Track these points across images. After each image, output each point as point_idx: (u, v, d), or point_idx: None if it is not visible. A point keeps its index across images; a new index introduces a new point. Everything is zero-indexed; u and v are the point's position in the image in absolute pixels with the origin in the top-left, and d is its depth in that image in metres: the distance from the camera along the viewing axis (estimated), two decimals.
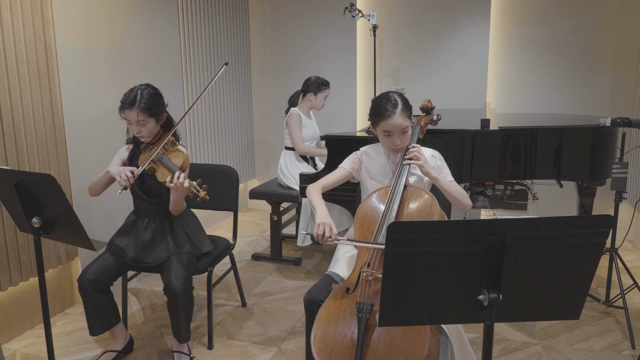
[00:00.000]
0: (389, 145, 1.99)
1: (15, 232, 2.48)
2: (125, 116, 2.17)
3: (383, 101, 1.95)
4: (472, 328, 2.62)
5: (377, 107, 1.96)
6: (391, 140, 1.96)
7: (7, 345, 2.51)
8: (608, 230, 1.13)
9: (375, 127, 2.00)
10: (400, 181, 1.89)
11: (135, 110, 2.12)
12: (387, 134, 1.96)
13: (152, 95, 2.18)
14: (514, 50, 4.10)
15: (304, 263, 3.58)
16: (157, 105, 2.19)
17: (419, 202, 1.86)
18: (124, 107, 2.15)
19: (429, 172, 1.92)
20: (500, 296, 1.17)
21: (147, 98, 2.15)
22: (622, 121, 2.52)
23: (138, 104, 2.12)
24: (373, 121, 2.00)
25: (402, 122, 1.92)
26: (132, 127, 2.18)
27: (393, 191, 1.87)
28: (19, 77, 2.44)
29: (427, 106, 2.19)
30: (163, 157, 2.19)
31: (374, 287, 1.70)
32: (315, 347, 1.65)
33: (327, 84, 3.59)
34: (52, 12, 2.59)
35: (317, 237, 1.78)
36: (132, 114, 2.13)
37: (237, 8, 4.39)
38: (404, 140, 1.96)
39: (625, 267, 2.72)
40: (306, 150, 3.53)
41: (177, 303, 2.14)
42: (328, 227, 1.79)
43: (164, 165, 2.17)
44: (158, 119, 2.22)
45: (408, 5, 4.26)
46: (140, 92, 2.15)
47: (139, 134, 2.20)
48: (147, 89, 2.18)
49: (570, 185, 3.59)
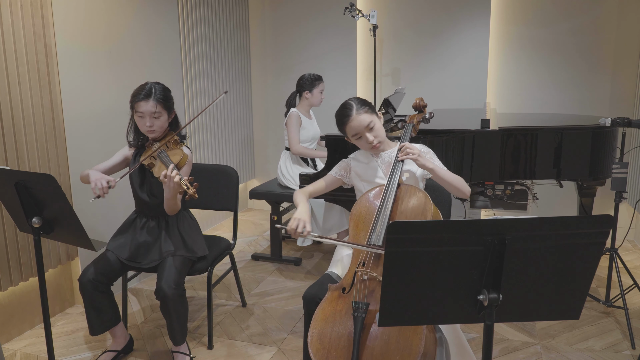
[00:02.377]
0: (366, 147, 2.04)
1: (15, 232, 2.48)
2: (138, 109, 2.16)
3: (340, 110, 2.05)
4: (472, 328, 2.63)
5: (338, 117, 2.06)
6: (364, 140, 2.01)
7: (7, 345, 2.51)
8: (608, 230, 1.13)
9: (347, 136, 2.08)
10: (394, 179, 1.89)
11: (152, 100, 2.15)
12: (357, 136, 2.02)
13: (166, 89, 2.24)
14: (514, 50, 4.10)
15: (304, 263, 3.58)
16: (170, 99, 2.25)
17: (412, 199, 1.87)
18: (139, 99, 2.16)
19: (424, 165, 1.92)
20: (500, 296, 1.17)
21: (161, 91, 2.20)
22: (622, 121, 2.52)
23: (154, 95, 2.16)
24: (342, 132, 2.08)
25: (363, 119, 1.98)
26: (144, 120, 2.18)
27: (386, 190, 1.88)
28: (19, 77, 2.44)
29: (419, 104, 2.21)
30: (162, 152, 2.20)
31: (369, 286, 1.71)
32: (312, 347, 1.65)
33: (320, 78, 3.58)
34: (52, 12, 2.59)
35: (290, 231, 1.83)
36: (149, 105, 2.15)
37: (237, 8, 4.39)
38: (376, 136, 2.00)
39: (625, 267, 2.72)
40: (301, 151, 3.52)
41: (169, 307, 2.13)
42: (302, 223, 1.82)
43: (162, 160, 2.19)
44: (170, 114, 2.25)
45: (408, 5, 4.26)
46: (154, 85, 2.20)
47: (150, 128, 2.19)
48: (160, 84, 2.23)
49: (570, 185, 3.59)
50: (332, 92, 4.38)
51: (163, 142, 2.24)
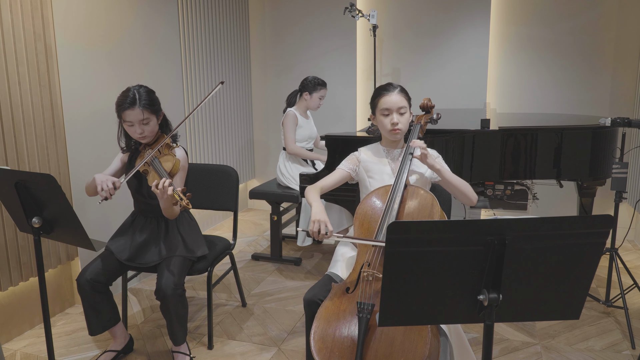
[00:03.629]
0: (387, 127, 2.01)
1: (15, 232, 2.48)
2: (126, 118, 2.12)
3: (384, 85, 2.05)
4: (472, 328, 2.62)
5: (378, 89, 2.05)
6: (389, 119, 2.00)
7: (7, 345, 2.51)
8: (608, 230, 1.13)
9: (375, 109, 2.05)
10: (401, 179, 1.88)
11: (139, 107, 2.10)
12: (386, 113, 2.00)
13: (149, 92, 2.18)
14: (514, 50, 4.10)
15: (304, 263, 3.58)
16: (156, 102, 2.20)
17: (419, 201, 1.85)
18: (124, 108, 2.11)
19: (433, 165, 1.92)
20: (500, 296, 1.17)
21: (145, 95, 2.14)
22: (622, 121, 2.52)
23: (139, 101, 2.11)
24: (373, 104, 2.07)
25: (400, 100, 1.99)
26: (134, 128, 2.14)
27: (394, 190, 1.86)
28: (19, 77, 2.44)
29: (427, 105, 2.16)
30: (155, 160, 2.16)
31: (374, 286, 1.69)
32: (315, 346, 1.64)
33: (324, 85, 3.57)
34: (52, 12, 2.59)
35: (312, 234, 1.79)
36: (135, 113, 2.10)
37: (237, 8, 4.39)
38: (402, 121, 2.00)
39: (625, 267, 2.72)
40: (297, 151, 3.51)
41: (168, 307, 2.13)
42: (323, 224, 1.78)
43: (155, 169, 2.15)
44: (158, 116, 2.21)
45: (408, 5, 4.26)
46: (137, 91, 2.13)
47: (141, 135, 2.16)
48: (142, 87, 2.17)
49: (570, 185, 3.59)
50: (332, 92, 4.38)
51: (155, 148, 2.18)
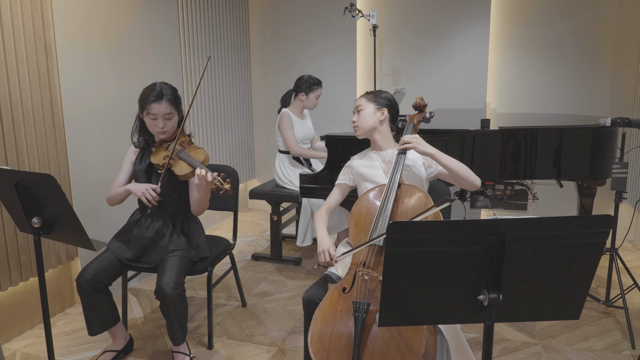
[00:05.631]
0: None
1: (15, 232, 2.48)
2: (151, 110, 2.16)
3: None
4: (472, 328, 2.62)
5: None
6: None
7: (7, 345, 2.51)
8: (608, 230, 1.13)
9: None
10: (395, 178, 1.90)
11: (165, 102, 2.14)
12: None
13: (174, 89, 2.24)
14: (514, 50, 4.10)
15: (304, 263, 3.58)
16: (180, 100, 2.26)
17: (413, 199, 1.87)
18: (150, 101, 2.14)
19: (425, 150, 1.93)
20: (500, 296, 1.17)
21: (171, 91, 2.20)
22: (622, 121, 2.52)
23: (166, 96, 2.15)
24: None
25: (357, 100, 2.14)
26: (157, 122, 2.17)
27: (387, 189, 1.88)
28: (19, 77, 2.44)
29: (419, 104, 2.19)
30: (182, 152, 2.18)
31: (369, 286, 1.70)
32: (313, 347, 1.65)
33: (319, 84, 3.54)
34: (52, 12, 2.59)
35: (323, 264, 1.94)
36: (162, 106, 2.14)
37: (237, 8, 4.39)
38: (357, 119, 2.11)
39: (625, 267, 2.72)
40: (301, 152, 3.49)
41: (168, 307, 2.13)
42: (327, 253, 1.93)
43: (184, 160, 2.16)
44: (179, 114, 2.26)
45: (408, 5, 4.26)
46: (163, 86, 2.18)
47: (162, 129, 2.19)
48: (168, 84, 2.22)
49: (570, 185, 3.59)
50: (332, 92, 4.39)
51: (177, 142, 2.21)
